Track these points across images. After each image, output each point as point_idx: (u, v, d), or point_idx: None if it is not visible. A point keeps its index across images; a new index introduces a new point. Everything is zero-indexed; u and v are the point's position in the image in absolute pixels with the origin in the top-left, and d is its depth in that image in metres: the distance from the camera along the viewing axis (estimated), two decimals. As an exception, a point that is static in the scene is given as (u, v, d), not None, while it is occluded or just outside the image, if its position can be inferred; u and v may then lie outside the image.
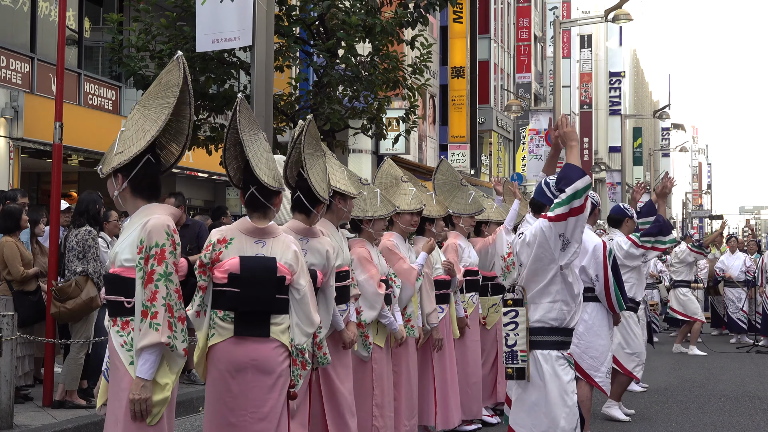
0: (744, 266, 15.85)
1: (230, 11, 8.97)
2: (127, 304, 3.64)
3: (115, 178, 3.76)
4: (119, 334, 3.65)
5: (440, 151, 29.25)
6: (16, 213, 7.85)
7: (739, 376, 11.24)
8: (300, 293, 4.33)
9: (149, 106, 3.80)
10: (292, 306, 4.34)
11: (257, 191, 4.28)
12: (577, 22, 32.37)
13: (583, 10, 51.64)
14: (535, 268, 4.58)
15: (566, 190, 4.50)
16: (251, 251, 4.26)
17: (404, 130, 14.11)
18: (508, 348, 4.57)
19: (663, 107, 43.31)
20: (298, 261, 4.35)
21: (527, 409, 4.62)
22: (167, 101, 3.76)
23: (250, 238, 4.30)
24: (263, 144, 4.37)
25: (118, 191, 3.78)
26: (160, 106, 3.77)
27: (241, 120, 4.22)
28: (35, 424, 6.90)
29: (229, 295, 4.21)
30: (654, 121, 69.05)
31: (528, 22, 38.30)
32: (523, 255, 4.61)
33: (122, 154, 3.71)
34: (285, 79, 13.91)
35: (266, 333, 4.22)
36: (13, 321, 6.86)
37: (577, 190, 4.47)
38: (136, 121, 3.77)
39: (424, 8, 12.99)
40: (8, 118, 13.20)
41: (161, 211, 3.74)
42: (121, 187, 3.76)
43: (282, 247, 4.32)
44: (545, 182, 4.87)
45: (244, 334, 4.21)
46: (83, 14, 15.87)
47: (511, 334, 4.54)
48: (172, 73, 3.82)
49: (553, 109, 23.18)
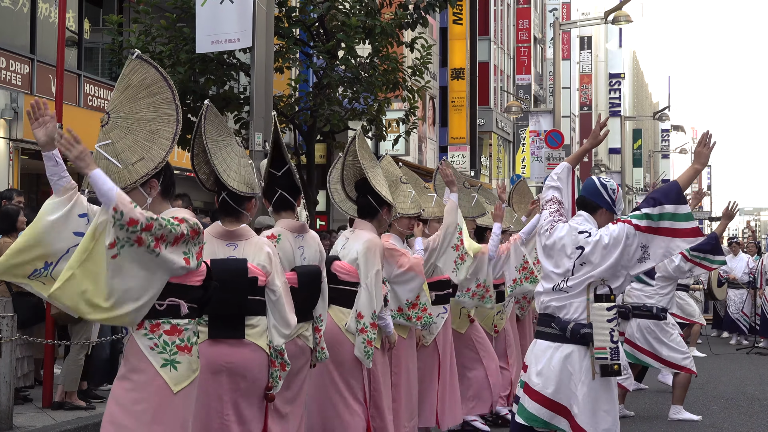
0: (747, 267, 15.88)
1: (230, 12, 8.98)
2: (159, 306, 3.56)
3: (144, 186, 3.64)
4: (148, 337, 3.56)
5: (440, 152, 29.26)
6: (13, 214, 7.82)
7: (738, 378, 11.24)
8: (276, 294, 4.32)
9: (135, 109, 3.68)
10: (268, 307, 4.33)
11: (228, 196, 4.31)
12: (576, 23, 32.39)
13: (583, 11, 51.73)
14: (608, 274, 4.51)
15: (665, 205, 4.48)
16: (222, 254, 4.27)
17: (404, 131, 14.12)
18: (614, 344, 4.46)
19: (663, 109, 43.32)
20: (272, 262, 4.34)
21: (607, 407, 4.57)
22: (162, 97, 3.68)
23: (222, 241, 4.32)
24: (234, 149, 4.37)
25: (151, 198, 3.66)
26: (155, 105, 3.69)
27: (206, 126, 4.22)
28: (35, 426, 6.89)
29: None
30: (654, 123, 69.03)
31: (528, 24, 38.32)
32: (594, 256, 4.51)
33: (144, 160, 3.60)
34: (285, 81, 13.92)
35: (240, 335, 4.21)
36: (13, 322, 6.86)
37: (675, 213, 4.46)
38: (130, 128, 3.64)
39: (424, 9, 13.00)
40: (8, 120, 13.20)
41: (188, 215, 3.66)
42: (156, 190, 3.67)
43: (254, 249, 4.32)
44: (602, 183, 4.80)
45: (218, 336, 4.20)
46: (83, 15, 15.88)
47: (615, 330, 4.49)
48: (139, 72, 3.71)
49: (553, 111, 23.18)
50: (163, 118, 3.68)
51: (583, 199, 4.78)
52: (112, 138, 3.64)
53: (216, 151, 4.26)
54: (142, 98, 3.70)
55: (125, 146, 3.63)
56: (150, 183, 3.65)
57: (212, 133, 4.28)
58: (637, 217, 4.52)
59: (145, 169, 3.61)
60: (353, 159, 5.57)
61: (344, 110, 13.01)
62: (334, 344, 5.26)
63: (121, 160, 3.61)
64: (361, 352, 5.32)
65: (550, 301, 4.60)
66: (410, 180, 6.65)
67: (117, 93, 3.73)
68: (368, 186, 5.46)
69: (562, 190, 4.79)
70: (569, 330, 4.47)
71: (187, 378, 3.62)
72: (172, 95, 3.72)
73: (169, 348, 3.56)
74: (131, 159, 3.61)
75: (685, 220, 4.49)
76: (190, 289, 3.64)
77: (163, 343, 3.55)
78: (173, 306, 3.58)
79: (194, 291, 3.66)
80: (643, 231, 4.48)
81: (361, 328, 5.30)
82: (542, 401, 4.53)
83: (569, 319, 4.50)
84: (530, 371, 4.59)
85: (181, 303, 3.61)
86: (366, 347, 5.30)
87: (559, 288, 4.56)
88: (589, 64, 54.49)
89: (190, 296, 3.66)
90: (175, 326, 3.58)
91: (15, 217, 7.81)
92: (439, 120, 29.83)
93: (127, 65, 3.75)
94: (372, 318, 5.33)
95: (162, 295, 3.54)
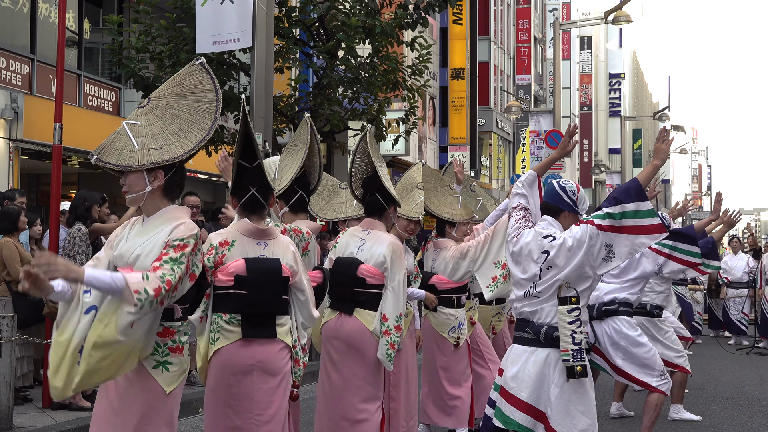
0: (747, 266, 15.87)
1: (230, 13, 8.99)
2: None
3: (149, 174, 3.62)
4: None
5: (440, 152, 29.26)
6: (14, 214, 7.83)
7: (738, 378, 11.24)
8: (304, 294, 4.38)
9: (176, 105, 3.71)
10: (295, 306, 4.38)
11: (258, 192, 4.32)
12: (576, 23, 32.40)
13: (583, 11, 51.71)
14: (574, 275, 4.50)
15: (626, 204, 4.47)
16: (254, 253, 4.28)
17: (404, 131, 14.12)
18: (576, 346, 4.49)
19: (663, 109, 43.30)
20: (297, 261, 4.37)
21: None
22: (205, 105, 3.72)
23: (252, 239, 4.31)
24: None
25: (151, 187, 3.63)
26: (196, 110, 3.71)
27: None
28: (35, 426, 6.90)
29: (235, 297, 4.22)
30: (654, 123, 68.99)
31: (528, 24, 38.32)
32: (559, 259, 4.52)
33: (161, 150, 3.60)
34: (285, 81, 13.93)
35: (273, 334, 4.24)
36: (13, 322, 6.86)
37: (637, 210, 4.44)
38: (162, 118, 3.67)
39: (424, 9, 13.01)
40: (8, 120, 13.19)
41: (186, 215, 3.66)
42: (159, 183, 3.63)
43: (282, 248, 4.35)
44: (560, 186, 4.80)
45: (252, 336, 4.22)
46: (83, 15, 15.88)
47: (578, 332, 4.49)
48: (196, 76, 3.77)
49: (553, 111, 23.18)
50: (197, 123, 3.70)
51: (546, 204, 4.81)
52: (142, 121, 3.67)
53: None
54: (188, 100, 3.74)
55: (149, 132, 3.64)
56: (156, 173, 3.62)
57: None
58: (599, 217, 4.52)
59: (158, 157, 3.59)
60: (362, 157, 5.64)
61: (344, 110, 13.02)
62: (362, 346, 5.35)
63: (140, 142, 3.62)
64: (384, 354, 5.34)
65: (522, 307, 4.61)
66: (436, 182, 6.79)
67: (167, 86, 3.78)
68: (377, 182, 5.52)
69: (528, 197, 4.83)
70: (542, 334, 4.49)
71: (178, 378, 3.64)
72: (216, 108, 3.74)
73: (161, 350, 3.57)
74: (149, 144, 3.61)
75: (647, 216, 4.47)
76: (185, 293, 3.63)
77: (155, 344, 3.56)
78: (168, 310, 3.58)
79: (188, 293, 3.64)
80: (605, 230, 4.47)
81: (385, 330, 5.34)
82: (519, 405, 4.53)
83: (543, 323, 4.52)
84: (506, 375, 4.59)
85: (176, 307, 3.62)
86: (389, 350, 5.34)
87: (530, 294, 4.57)
88: (589, 64, 54.47)
89: (185, 299, 3.66)
90: (168, 328, 3.59)
91: (16, 216, 7.82)
92: (439, 120, 29.83)
93: (188, 67, 3.80)
94: (397, 321, 5.36)
95: None
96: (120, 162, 3.59)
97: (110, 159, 3.59)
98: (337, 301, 5.49)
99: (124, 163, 3.59)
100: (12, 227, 7.82)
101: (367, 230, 5.56)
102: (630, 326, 6.56)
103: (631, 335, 6.51)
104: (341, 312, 5.45)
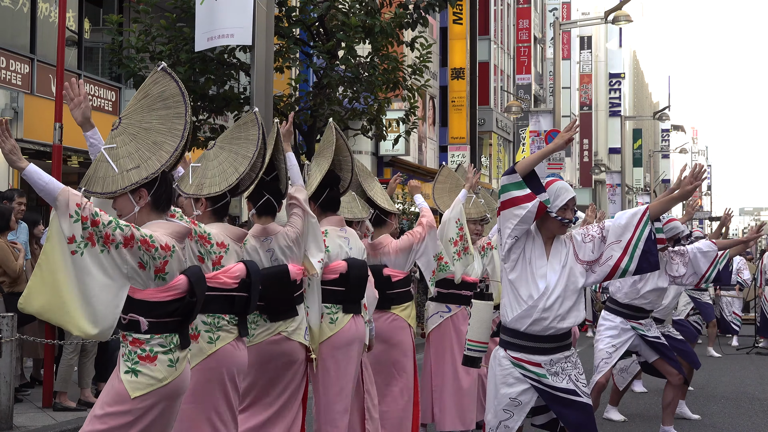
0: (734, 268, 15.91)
1: (226, 8, 8.96)
2: (123, 320, 3.56)
3: (133, 194, 3.64)
4: (122, 344, 3.64)
5: (440, 152, 29.26)
6: (6, 213, 7.83)
7: (738, 378, 11.25)
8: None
9: (147, 118, 3.73)
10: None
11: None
12: (576, 23, 32.40)
13: (583, 11, 51.72)
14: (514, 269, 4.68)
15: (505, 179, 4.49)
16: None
17: (404, 131, 14.11)
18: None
19: (663, 108, 43.29)
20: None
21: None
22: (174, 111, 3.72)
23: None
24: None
25: (139, 207, 3.64)
26: (166, 118, 3.72)
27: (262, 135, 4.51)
28: (35, 426, 6.90)
29: (237, 300, 4.30)
30: (654, 123, 69.05)
31: (528, 24, 38.32)
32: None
33: (139, 169, 3.63)
34: (285, 81, 13.92)
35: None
36: (13, 322, 6.87)
37: (507, 183, 4.41)
38: (136, 136, 3.69)
39: (424, 9, 13.00)
40: (8, 119, 13.17)
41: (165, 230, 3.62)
42: (145, 201, 3.64)
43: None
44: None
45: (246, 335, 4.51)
46: (83, 15, 15.87)
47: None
48: (160, 83, 3.77)
49: (553, 111, 23.19)
50: (170, 131, 3.71)
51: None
52: (118, 143, 3.69)
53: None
54: (157, 109, 3.75)
55: (126, 152, 3.67)
56: (139, 192, 3.64)
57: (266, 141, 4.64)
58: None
59: (137, 177, 3.62)
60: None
61: (344, 110, 13.02)
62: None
63: (119, 165, 3.65)
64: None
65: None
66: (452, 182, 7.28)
67: (134, 100, 3.78)
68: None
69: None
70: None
71: (148, 387, 3.58)
72: (185, 111, 3.74)
73: (132, 357, 3.60)
74: (127, 165, 3.64)
75: (517, 188, 4.38)
76: (155, 306, 3.58)
77: (128, 352, 3.61)
78: (134, 321, 3.58)
79: (161, 307, 3.59)
80: (498, 215, 4.54)
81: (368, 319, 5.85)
82: None
83: None
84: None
85: (141, 319, 3.57)
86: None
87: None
88: (589, 63, 54.48)
89: (156, 312, 3.60)
90: (137, 339, 3.60)
91: (8, 216, 7.83)
92: (439, 120, 29.83)
93: (151, 75, 3.80)
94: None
95: (124, 310, 3.53)
96: (105, 189, 3.63)
97: (96, 188, 3.63)
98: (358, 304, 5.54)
99: (108, 190, 3.63)
100: (5, 226, 7.82)
101: (343, 228, 5.55)
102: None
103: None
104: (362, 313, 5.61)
